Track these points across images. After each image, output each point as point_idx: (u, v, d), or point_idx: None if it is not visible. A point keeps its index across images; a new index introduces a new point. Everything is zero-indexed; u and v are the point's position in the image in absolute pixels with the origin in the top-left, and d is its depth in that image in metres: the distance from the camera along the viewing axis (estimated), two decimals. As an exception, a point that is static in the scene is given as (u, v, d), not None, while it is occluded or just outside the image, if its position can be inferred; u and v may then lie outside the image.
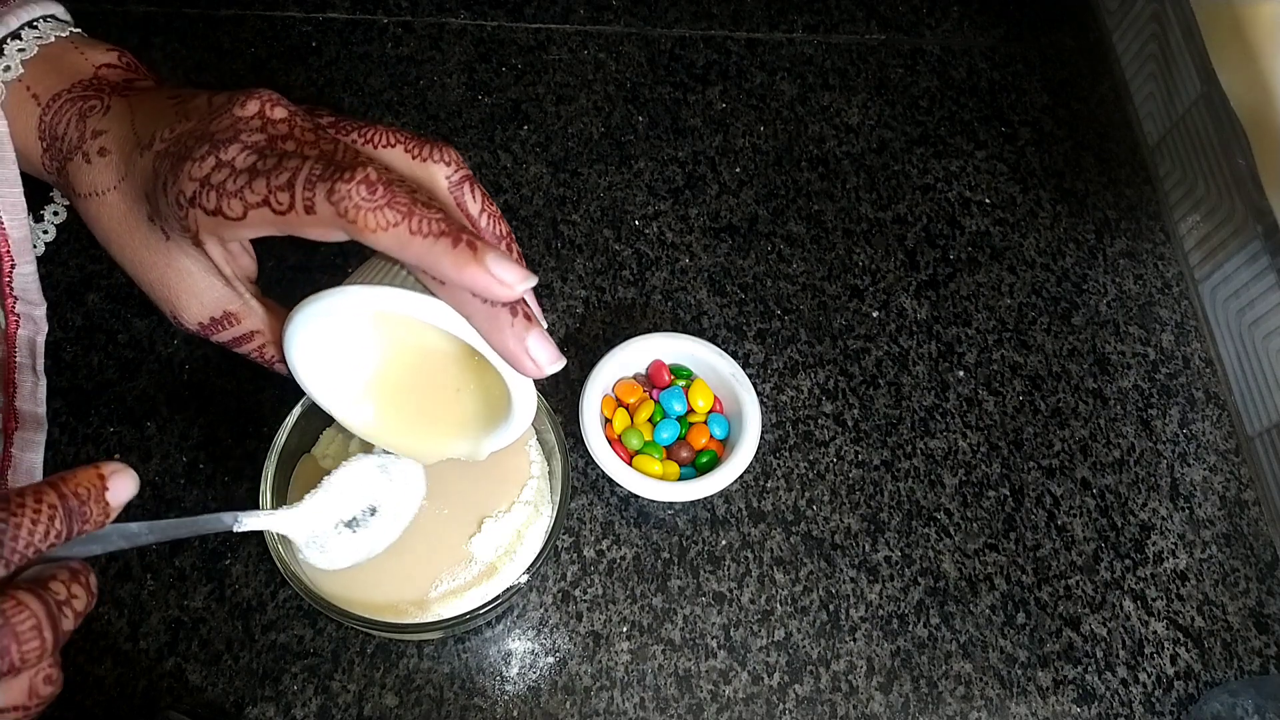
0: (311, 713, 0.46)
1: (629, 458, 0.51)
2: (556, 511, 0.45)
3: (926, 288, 0.61)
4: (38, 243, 0.48)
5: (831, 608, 0.50)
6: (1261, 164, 0.57)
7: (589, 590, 0.50)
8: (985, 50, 0.71)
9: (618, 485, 0.50)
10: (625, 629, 0.49)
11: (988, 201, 0.65)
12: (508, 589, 0.43)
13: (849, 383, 0.57)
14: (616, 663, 0.48)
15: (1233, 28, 0.59)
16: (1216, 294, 0.61)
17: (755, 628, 0.49)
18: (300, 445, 0.46)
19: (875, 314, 0.59)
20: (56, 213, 0.50)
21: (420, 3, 0.69)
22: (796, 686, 0.48)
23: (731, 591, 0.50)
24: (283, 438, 0.44)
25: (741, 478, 0.53)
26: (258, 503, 0.43)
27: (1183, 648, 0.51)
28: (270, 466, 0.43)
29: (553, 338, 0.57)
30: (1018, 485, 0.55)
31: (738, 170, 0.64)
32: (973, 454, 0.55)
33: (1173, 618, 0.52)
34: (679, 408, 0.52)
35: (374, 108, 0.64)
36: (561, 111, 0.65)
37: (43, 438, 0.48)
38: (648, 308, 0.58)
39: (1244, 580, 0.53)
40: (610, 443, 0.50)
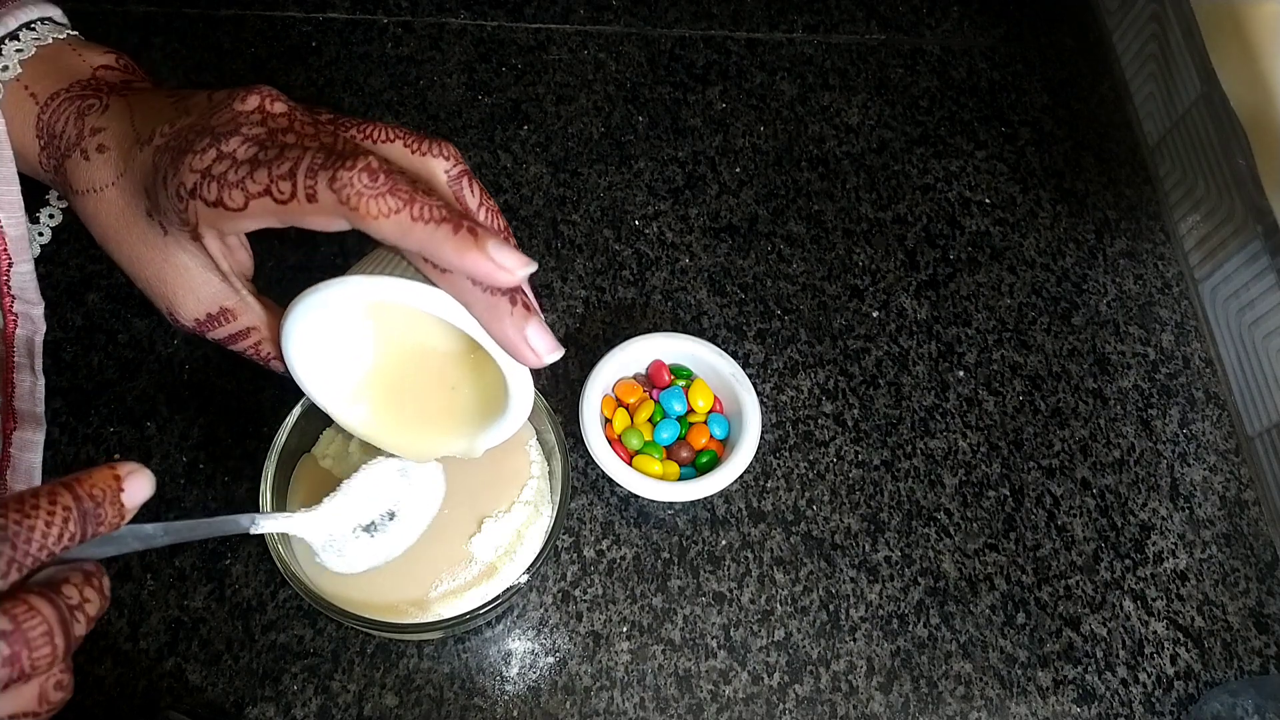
0: (311, 713, 0.46)
1: (629, 458, 0.51)
2: (556, 511, 0.45)
3: (926, 288, 0.61)
4: (33, 245, 0.48)
5: (831, 608, 0.50)
6: (1261, 164, 0.57)
7: (589, 590, 0.50)
8: (985, 50, 0.71)
9: (618, 485, 0.50)
10: (625, 629, 0.49)
11: (988, 201, 0.65)
12: (508, 589, 0.43)
13: (849, 383, 0.57)
14: (616, 663, 0.48)
15: (1233, 28, 0.59)
16: (1216, 294, 0.61)
17: (755, 628, 0.49)
18: (300, 445, 0.46)
19: (875, 314, 0.59)
20: (52, 215, 0.50)
21: (420, 3, 0.69)
22: (796, 686, 0.48)
23: (731, 591, 0.50)
24: (283, 438, 0.44)
25: (741, 478, 0.53)
26: (257, 503, 0.43)
27: (1183, 648, 0.51)
28: (270, 466, 0.43)
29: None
30: (1018, 485, 0.55)
31: (738, 170, 0.64)
32: (973, 454, 0.55)
33: (1173, 618, 0.52)
34: (679, 408, 0.52)
35: (374, 108, 0.64)
36: (561, 111, 0.65)
37: (41, 437, 0.48)
38: (648, 308, 0.58)
39: (1244, 580, 0.53)
40: (610, 443, 0.50)
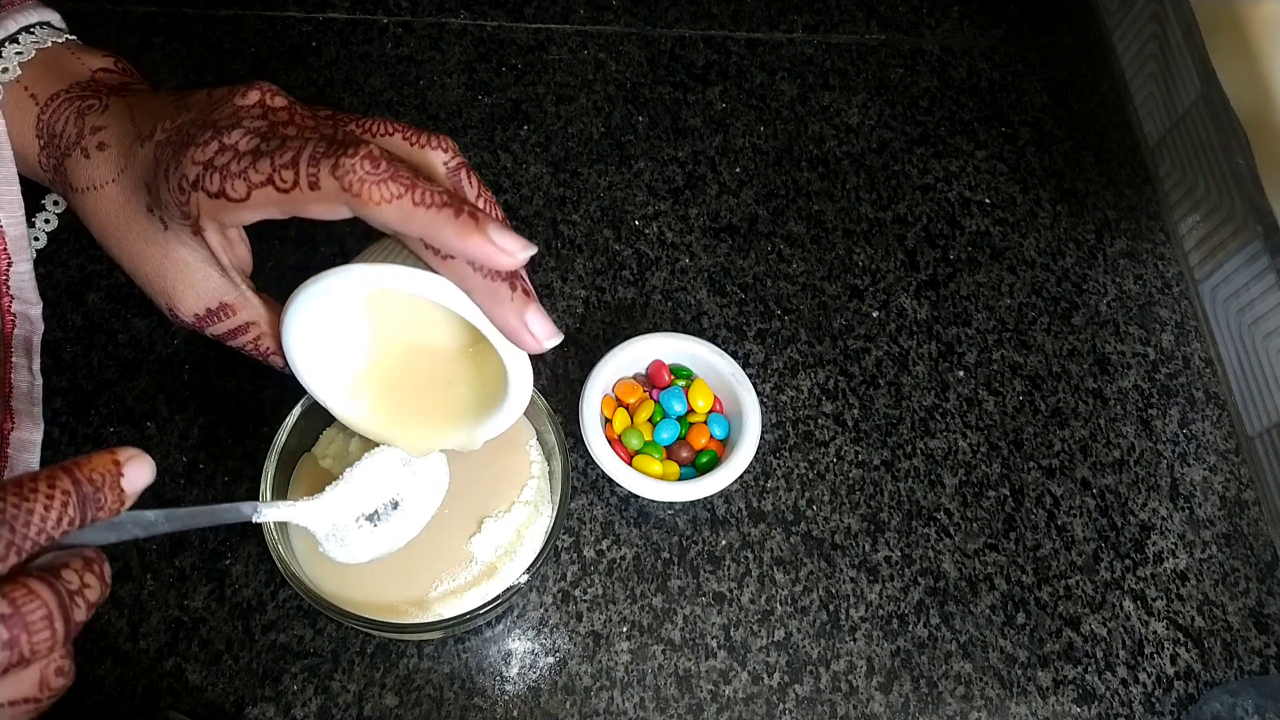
0: (311, 713, 0.46)
1: (629, 458, 0.51)
2: (556, 511, 0.45)
3: (926, 288, 0.61)
4: (31, 246, 0.48)
5: (831, 608, 0.50)
6: (1261, 164, 0.57)
7: (589, 590, 0.50)
8: (985, 50, 0.71)
9: (618, 485, 0.50)
10: (625, 629, 0.49)
11: (988, 201, 0.65)
12: (508, 589, 0.42)
13: (849, 383, 0.57)
14: (616, 663, 0.48)
15: (1233, 28, 0.59)
16: (1216, 294, 0.61)
17: (755, 628, 0.49)
18: (300, 445, 0.46)
19: (875, 314, 0.59)
20: (48, 220, 0.50)
21: (420, 3, 0.69)
22: (796, 686, 0.48)
23: (731, 591, 0.50)
24: (283, 438, 0.44)
25: (741, 478, 0.53)
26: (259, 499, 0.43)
27: (1183, 648, 0.51)
28: (270, 466, 0.43)
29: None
30: (1018, 485, 0.55)
31: (738, 170, 0.64)
32: (973, 454, 0.55)
33: (1173, 618, 0.52)
34: (679, 408, 0.52)
35: (374, 108, 0.64)
36: (561, 111, 0.65)
37: (39, 438, 0.48)
38: (648, 308, 0.58)
39: (1244, 580, 0.53)
40: (610, 443, 0.50)
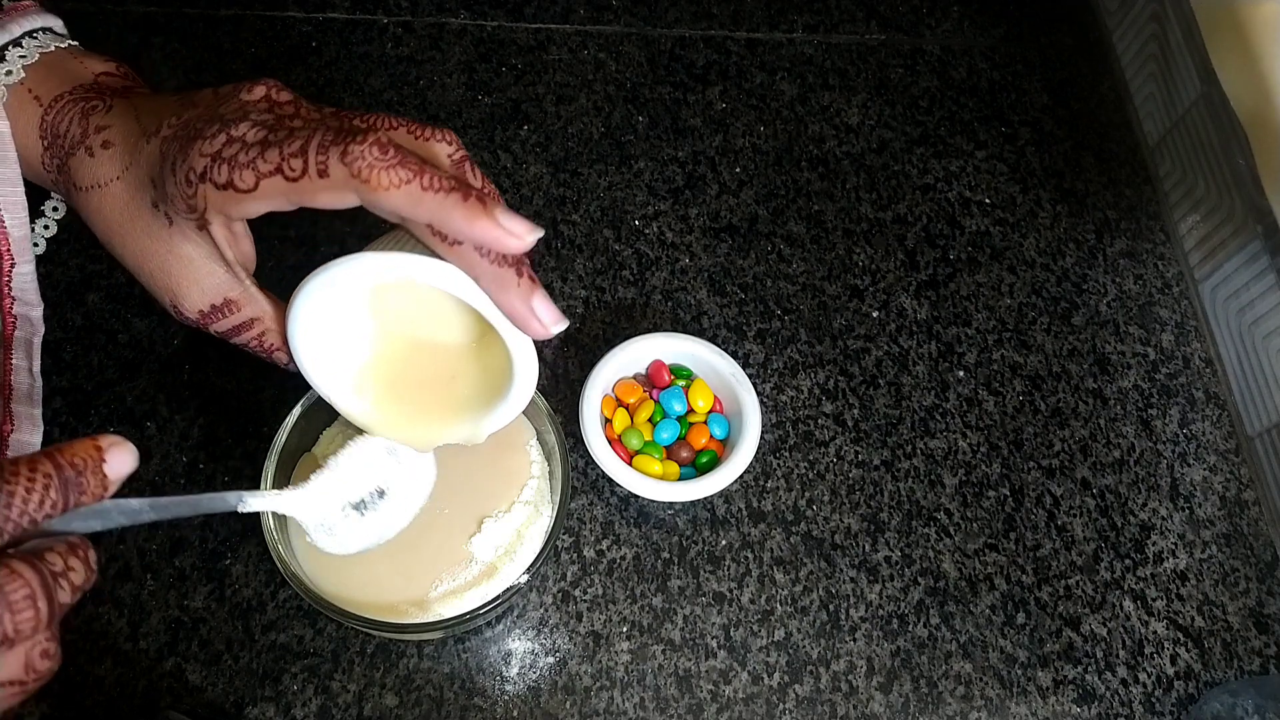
0: (311, 713, 0.46)
1: (629, 458, 0.51)
2: (556, 511, 0.45)
3: (926, 288, 0.61)
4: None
5: (831, 608, 0.50)
6: (1261, 164, 0.57)
7: (589, 590, 0.50)
8: (985, 50, 0.71)
9: (618, 485, 0.50)
10: (625, 629, 0.49)
11: (988, 201, 0.65)
12: (508, 589, 0.43)
13: (849, 383, 0.57)
14: (616, 663, 0.48)
15: (1233, 28, 0.59)
16: (1216, 294, 0.61)
17: (755, 628, 0.49)
18: (300, 445, 0.46)
19: (875, 314, 0.59)
20: (47, 226, 0.50)
21: (420, 3, 0.69)
22: (796, 686, 0.48)
23: (731, 591, 0.50)
24: (283, 438, 0.44)
25: (741, 478, 0.53)
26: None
27: (1183, 648, 0.51)
28: (270, 466, 0.43)
29: (552, 339, 0.57)
30: (1018, 485, 0.55)
31: (738, 170, 0.64)
32: (973, 454, 0.55)
33: (1173, 618, 0.52)
34: (679, 408, 0.52)
35: (374, 107, 0.64)
36: (561, 111, 0.65)
37: (38, 440, 0.48)
38: (648, 308, 0.58)
39: (1244, 580, 0.53)
40: (610, 443, 0.50)
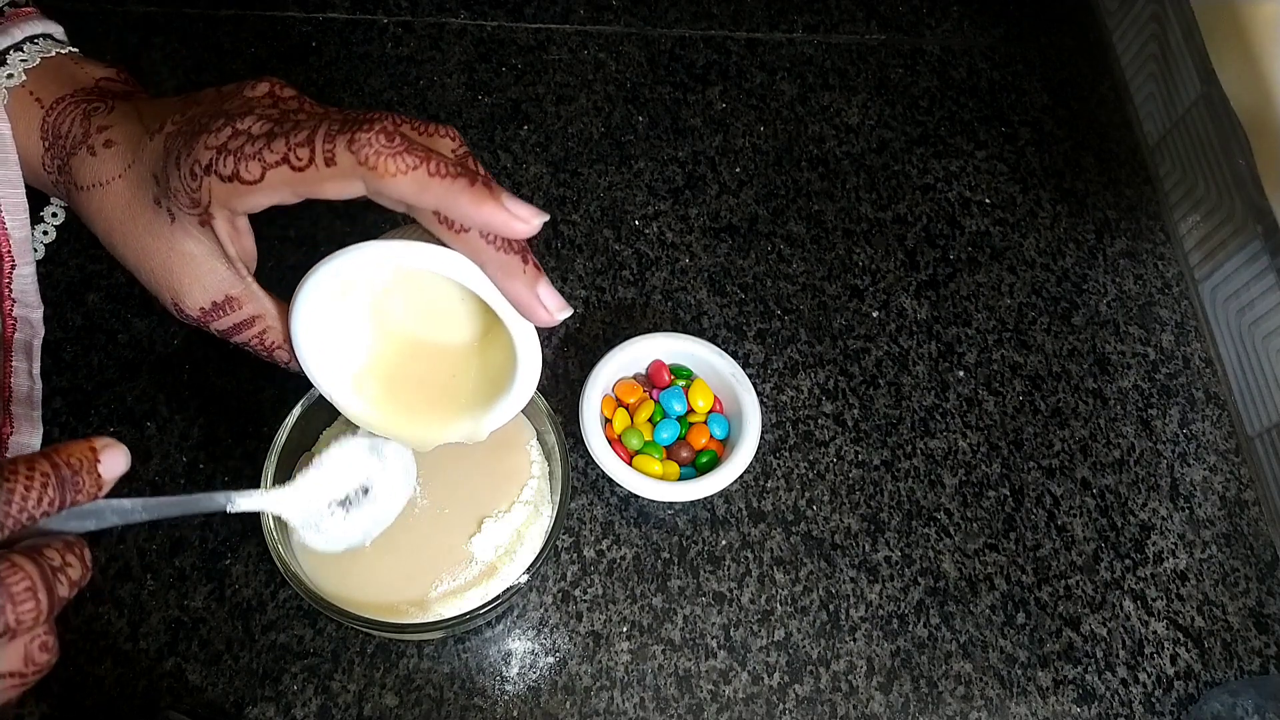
0: (311, 713, 0.46)
1: (629, 458, 0.51)
2: (556, 511, 0.45)
3: (926, 288, 0.61)
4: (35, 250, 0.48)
5: (831, 608, 0.50)
6: (1261, 164, 0.57)
7: (589, 590, 0.50)
8: (985, 50, 0.71)
9: (618, 485, 0.50)
10: (625, 629, 0.49)
11: (988, 201, 0.65)
12: (508, 589, 0.43)
13: (849, 383, 0.57)
14: (616, 663, 0.48)
15: (1233, 28, 0.59)
16: (1216, 294, 0.61)
17: (755, 628, 0.49)
18: (300, 445, 0.46)
19: (875, 314, 0.59)
20: (46, 232, 0.50)
21: (420, 3, 0.69)
22: (796, 686, 0.48)
23: (731, 591, 0.50)
24: (283, 437, 0.44)
25: (741, 478, 0.53)
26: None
27: (1183, 648, 0.51)
28: (270, 466, 0.43)
29: (552, 339, 0.57)
30: (1018, 485, 0.55)
31: (738, 170, 0.64)
32: (973, 454, 0.55)
33: (1173, 618, 0.52)
34: (679, 408, 0.52)
35: (374, 107, 0.63)
36: (561, 111, 0.65)
37: (38, 442, 0.48)
38: (648, 308, 0.58)
39: (1244, 580, 0.53)
40: (610, 443, 0.50)
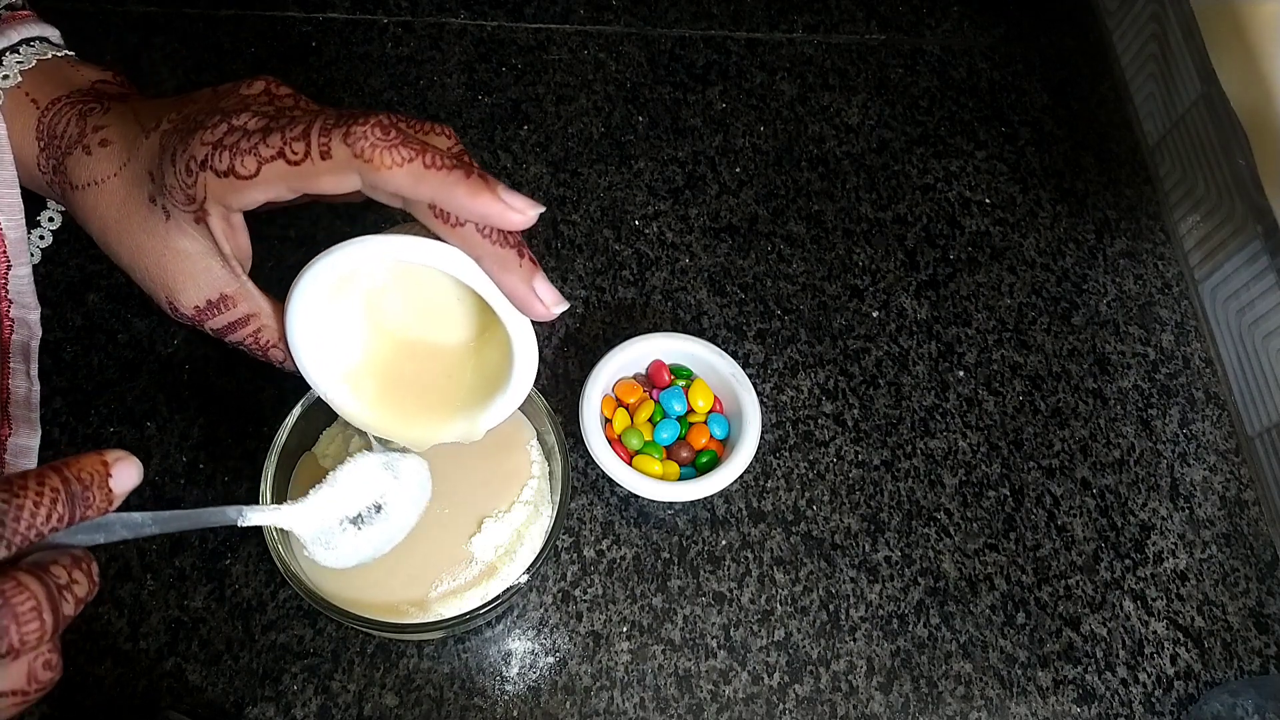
0: (311, 713, 0.46)
1: (629, 458, 0.51)
2: (556, 511, 0.45)
3: (926, 288, 0.61)
4: (32, 252, 0.48)
5: (831, 608, 0.50)
6: (1261, 164, 0.57)
7: (589, 590, 0.50)
8: (985, 50, 0.71)
9: (618, 485, 0.50)
10: (625, 629, 0.49)
11: (988, 201, 0.65)
12: (508, 589, 0.43)
13: (849, 383, 0.57)
14: (616, 663, 0.48)
15: (1233, 28, 0.59)
16: (1216, 294, 0.61)
17: (755, 628, 0.49)
18: (300, 445, 0.46)
19: (875, 314, 0.59)
20: (43, 237, 0.50)
21: (420, 3, 0.69)
22: (796, 686, 0.48)
23: (731, 591, 0.50)
24: (283, 437, 0.44)
25: (741, 478, 0.53)
26: (258, 502, 0.43)
27: (1183, 648, 0.51)
28: (270, 466, 0.43)
29: (552, 339, 0.57)
30: (1018, 485, 0.55)
31: (738, 170, 0.64)
32: (973, 454, 0.55)
33: (1173, 618, 0.52)
34: (679, 408, 0.52)
35: (374, 107, 0.63)
36: (561, 111, 0.65)
37: (36, 443, 0.48)
38: (648, 308, 0.58)
39: (1244, 580, 0.53)
40: (610, 443, 0.50)
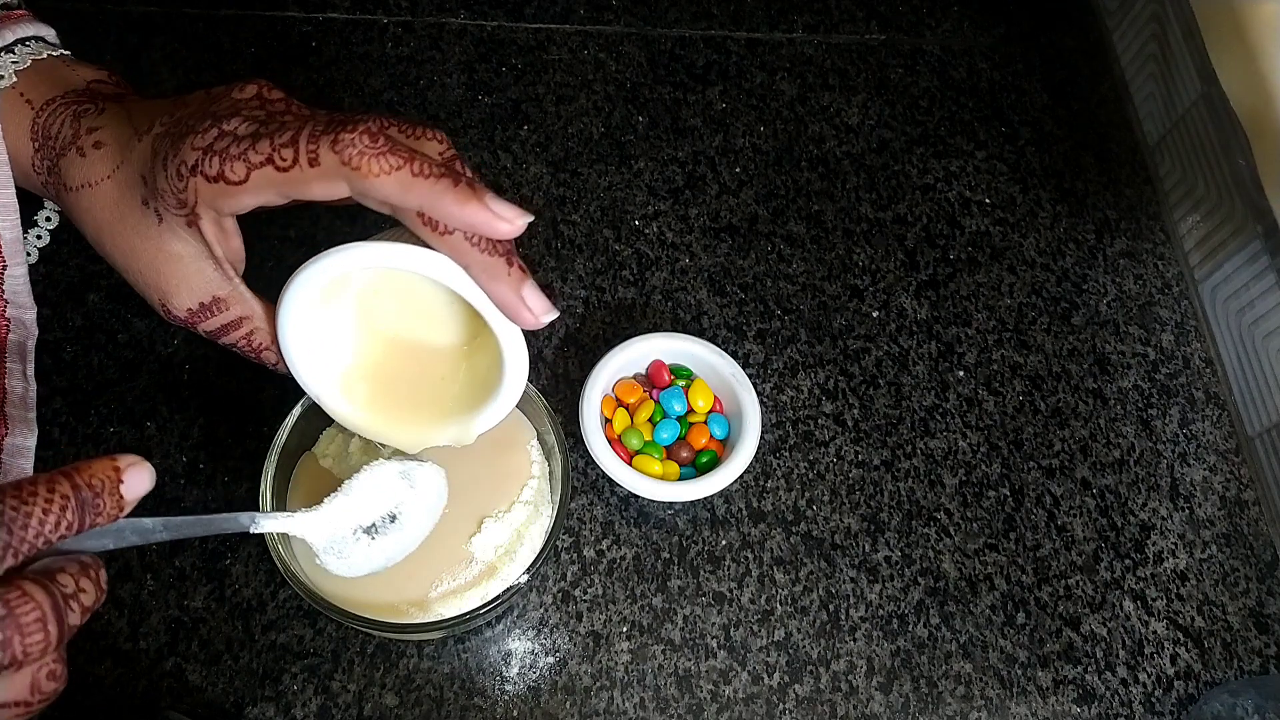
0: (311, 713, 0.46)
1: (629, 458, 0.51)
2: (556, 511, 0.45)
3: (926, 288, 0.61)
4: (29, 252, 0.48)
5: (831, 608, 0.50)
6: (1261, 164, 0.57)
7: (589, 590, 0.50)
8: (985, 50, 0.71)
9: (618, 485, 0.50)
10: (625, 629, 0.49)
11: (988, 201, 0.65)
12: (508, 589, 0.43)
13: (849, 383, 0.57)
14: (616, 663, 0.48)
15: (1233, 28, 0.59)
16: (1216, 294, 0.61)
17: (755, 628, 0.49)
18: (300, 445, 0.46)
19: (875, 314, 0.59)
20: (40, 236, 0.50)
21: (420, 3, 0.69)
22: (796, 686, 0.48)
23: (731, 591, 0.50)
24: (283, 437, 0.44)
25: (741, 478, 0.53)
26: (257, 503, 0.43)
27: (1183, 648, 0.51)
28: (270, 466, 0.43)
29: (552, 339, 0.57)
30: (1018, 485, 0.55)
31: (738, 170, 0.64)
32: (973, 454, 0.55)
33: (1173, 618, 0.52)
34: (679, 408, 0.52)
35: (374, 108, 0.64)
36: (561, 111, 0.65)
37: (33, 443, 0.48)
38: (648, 308, 0.58)
39: (1244, 580, 0.53)
40: (610, 443, 0.50)
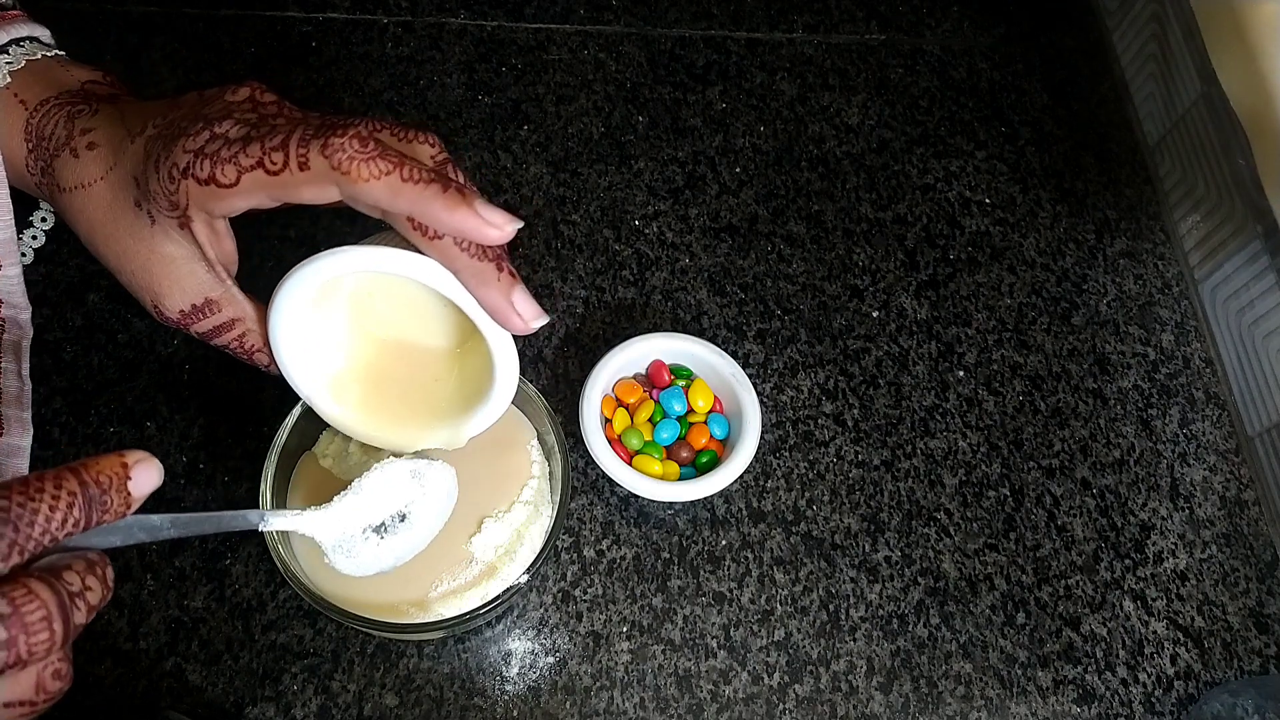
0: (311, 713, 0.46)
1: (629, 458, 0.51)
2: (556, 511, 0.45)
3: (926, 288, 0.61)
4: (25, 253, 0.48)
5: (831, 608, 0.50)
6: (1261, 164, 0.57)
7: (589, 590, 0.50)
8: (985, 50, 0.71)
9: (618, 485, 0.50)
10: (625, 629, 0.49)
11: (988, 201, 0.65)
12: (508, 589, 0.43)
13: (849, 383, 0.57)
14: (616, 663, 0.48)
15: (1233, 28, 0.59)
16: (1216, 294, 0.61)
17: (755, 628, 0.49)
18: (300, 445, 0.46)
19: (875, 314, 0.59)
20: (35, 237, 0.50)
21: (420, 3, 0.69)
22: (796, 686, 0.48)
23: (731, 591, 0.50)
24: (283, 437, 0.44)
25: (741, 478, 0.53)
26: (257, 503, 0.43)
27: (1183, 648, 0.51)
28: (270, 466, 0.43)
29: (552, 339, 0.57)
30: (1018, 485, 0.55)
31: (738, 170, 0.64)
32: (973, 454, 0.55)
33: (1173, 618, 0.52)
34: (679, 408, 0.52)
35: (374, 108, 0.64)
36: (561, 111, 0.65)
37: (28, 443, 0.48)
38: (648, 308, 0.58)
39: (1244, 580, 0.53)
40: (610, 443, 0.50)
